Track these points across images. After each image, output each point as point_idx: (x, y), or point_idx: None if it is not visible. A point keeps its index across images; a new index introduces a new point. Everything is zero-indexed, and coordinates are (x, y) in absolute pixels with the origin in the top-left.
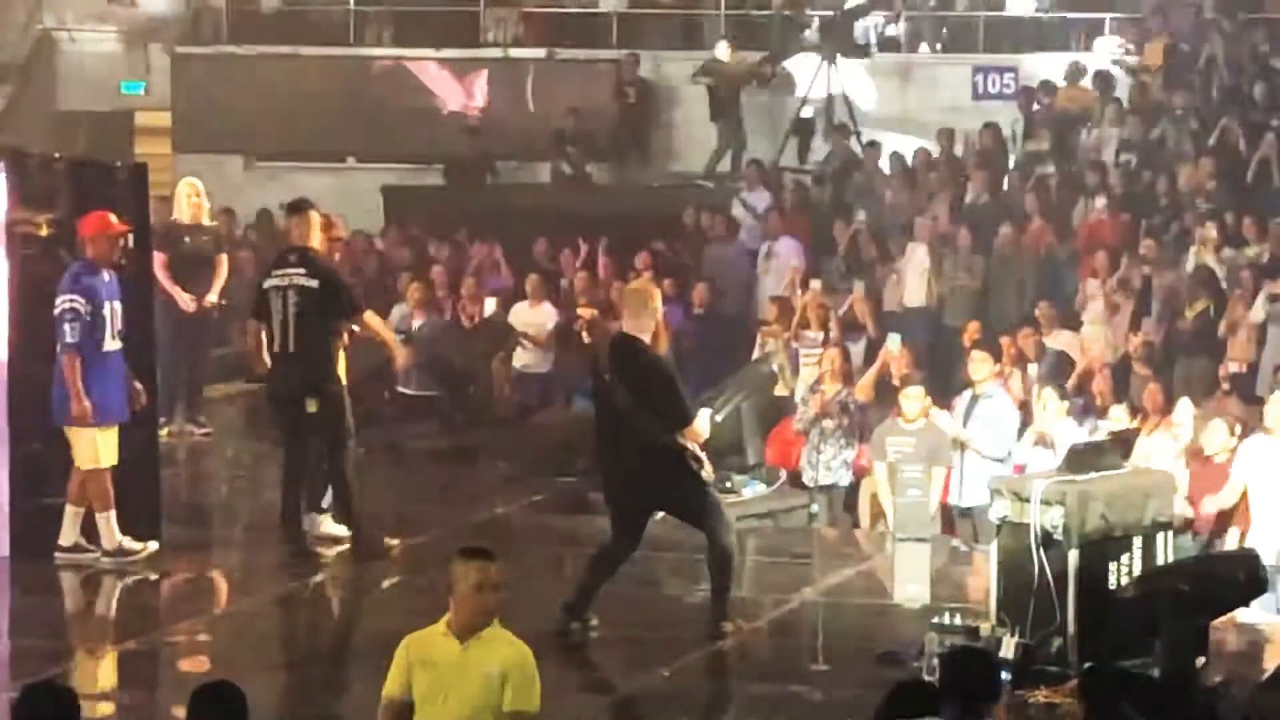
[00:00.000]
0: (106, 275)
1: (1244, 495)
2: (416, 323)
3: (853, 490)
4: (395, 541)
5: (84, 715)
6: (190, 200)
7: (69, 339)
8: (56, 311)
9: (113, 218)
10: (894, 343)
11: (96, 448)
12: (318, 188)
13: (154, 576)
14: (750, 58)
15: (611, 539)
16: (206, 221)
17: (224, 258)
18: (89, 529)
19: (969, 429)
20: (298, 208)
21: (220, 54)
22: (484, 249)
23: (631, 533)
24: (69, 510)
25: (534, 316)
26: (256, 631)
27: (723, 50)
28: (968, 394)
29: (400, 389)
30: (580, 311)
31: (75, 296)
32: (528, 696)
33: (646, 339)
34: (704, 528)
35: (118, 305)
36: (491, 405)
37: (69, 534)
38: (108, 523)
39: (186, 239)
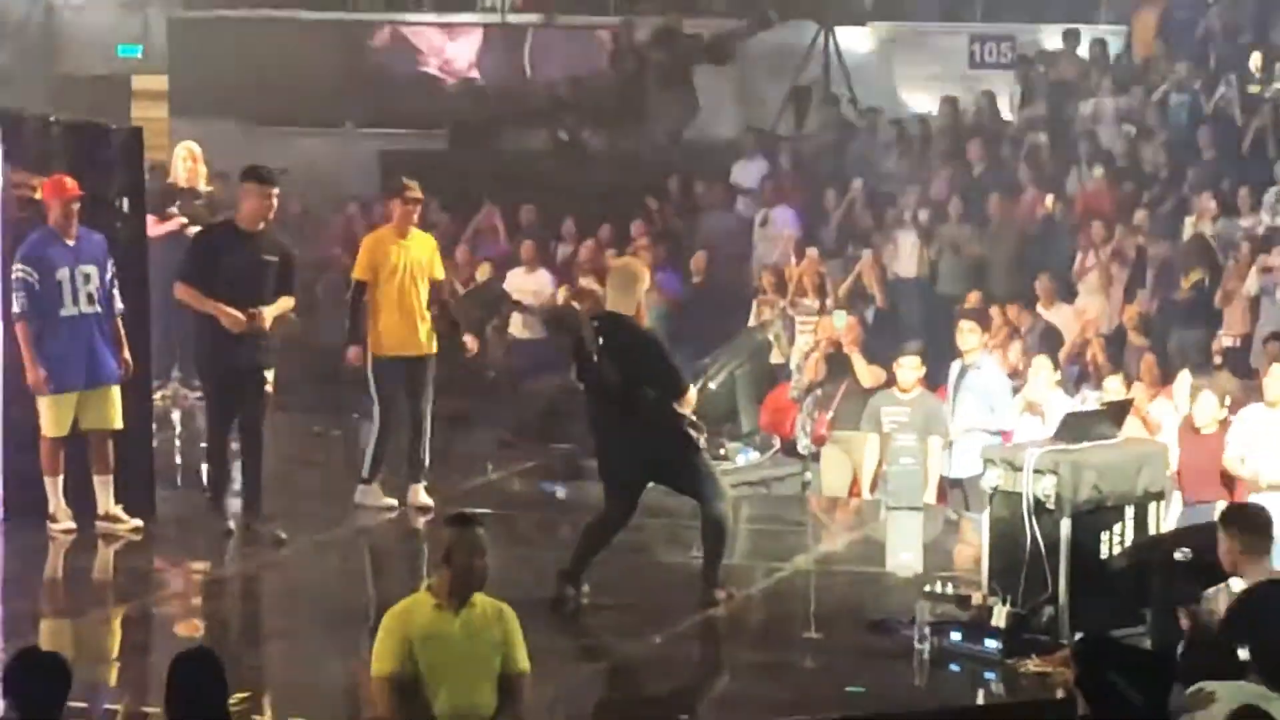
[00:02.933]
0: (71, 240)
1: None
2: None
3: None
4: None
5: (75, 679)
6: (186, 164)
7: (15, 308)
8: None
9: (68, 181)
10: (839, 319)
11: (48, 415)
12: (315, 152)
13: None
14: (704, 32)
15: (606, 509)
16: (202, 186)
17: None
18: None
19: (959, 399)
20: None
21: (218, 18)
22: (482, 215)
23: (626, 503)
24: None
25: (530, 283)
26: (249, 597)
27: (674, 22)
28: (958, 364)
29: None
30: (582, 282)
31: (21, 265)
32: (523, 657)
33: (630, 314)
34: (699, 497)
35: (89, 269)
36: (485, 371)
37: (101, 503)
38: (54, 488)
39: (178, 202)
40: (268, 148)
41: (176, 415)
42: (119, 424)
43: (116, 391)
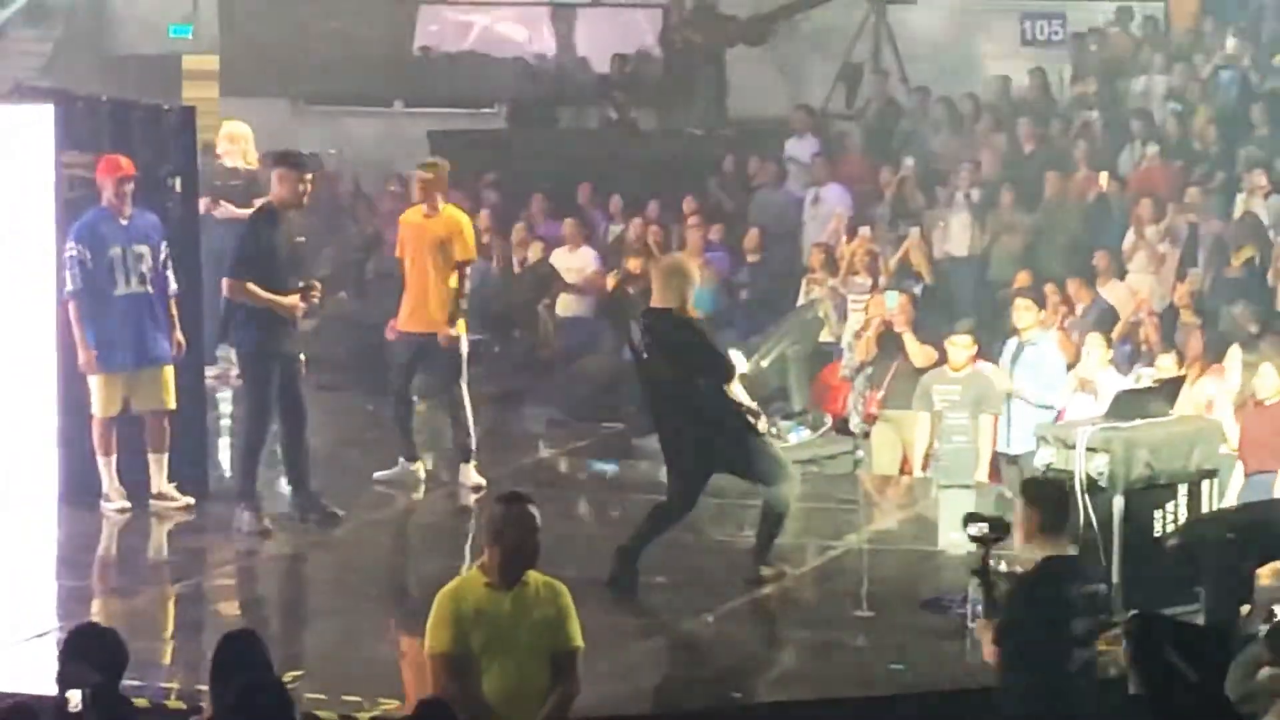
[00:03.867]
0: (125, 219)
1: None
2: None
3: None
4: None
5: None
6: (224, 144)
7: (68, 286)
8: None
9: (122, 160)
10: (891, 299)
11: (98, 395)
12: (365, 132)
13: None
14: (740, 15)
15: (669, 498)
16: (243, 165)
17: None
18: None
19: (1015, 376)
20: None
21: None
22: (536, 195)
23: (690, 494)
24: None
25: (574, 261)
26: (301, 575)
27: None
28: (1013, 342)
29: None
30: (631, 265)
31: (73, 243)
32: (576, 634)
33: (674, 308)
34: (762, 480)
35: (142, 249)
36: (537, 350)
37: (154, 482)
38: (107, 468)
39: (217, 182)
40: (318, 127)
41: (227, 394)
42: (172, 404)
43: (168, 371)
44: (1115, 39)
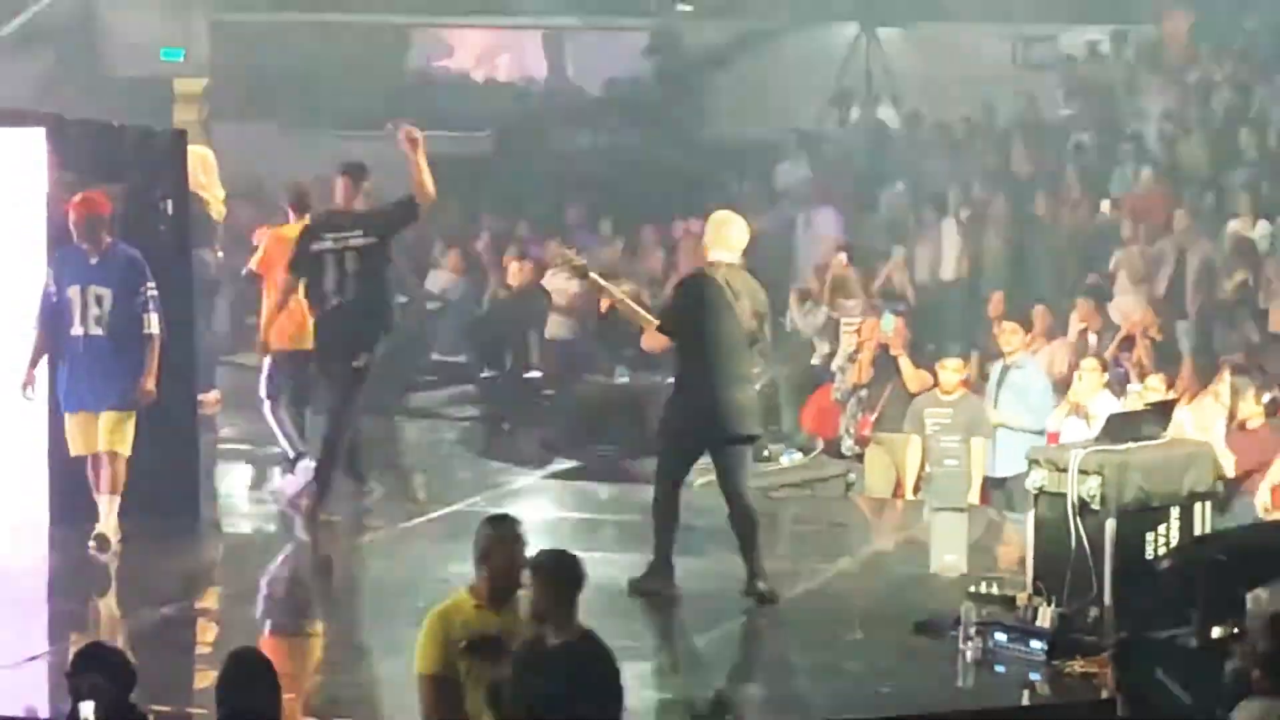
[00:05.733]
0: (95, 258)
1: None
2: (447, 285)
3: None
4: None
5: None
6: None
7: (37, 317)
8: None
9: (89, 196)
10: (888, 323)
11: (67, 432)
12: (356, 156)
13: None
14: (706, 34)
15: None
16: None
17: None
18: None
19: (1000, 401)
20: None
21: (260, 21)
22: (522, 219)
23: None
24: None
25: (552, 283)
26: (289, 598)
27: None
28: (999, 365)
29: (435, 356)
30: (593, 277)
31: (48, 274)
32: None
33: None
34: (734, 483)
35: (102, 291)
36: (528, 372)
37: (101, 521)
38: (102, 506)
39: None
40: (308, 151)
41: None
42: (124, 450)
43: (122, 417)
44: (1107, 62)
